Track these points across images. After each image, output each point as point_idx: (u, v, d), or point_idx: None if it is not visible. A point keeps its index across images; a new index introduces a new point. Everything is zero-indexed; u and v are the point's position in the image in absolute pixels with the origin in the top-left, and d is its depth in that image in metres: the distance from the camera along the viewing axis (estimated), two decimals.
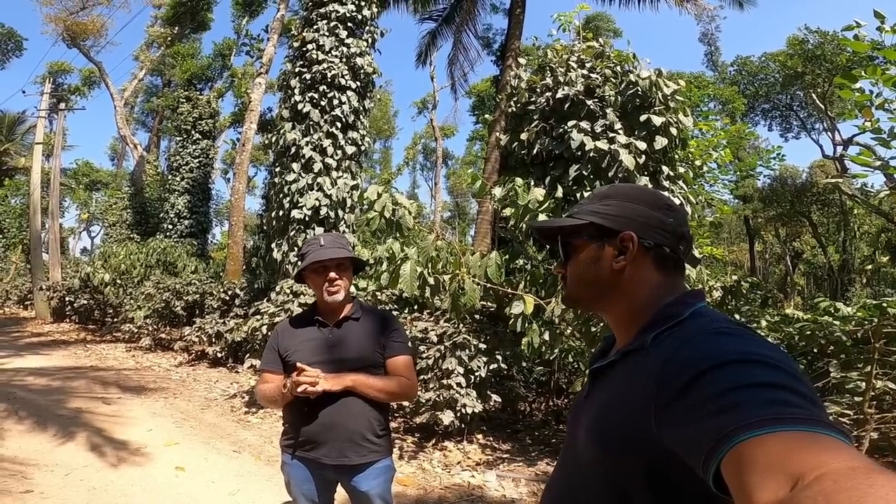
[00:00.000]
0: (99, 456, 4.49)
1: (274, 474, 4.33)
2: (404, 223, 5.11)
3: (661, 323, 0.86)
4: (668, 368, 0.75)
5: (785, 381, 0.64)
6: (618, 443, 0.81)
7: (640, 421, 0.76)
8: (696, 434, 0.65)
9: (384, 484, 2.06)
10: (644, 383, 0.78)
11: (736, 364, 0.67)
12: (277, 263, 8.30)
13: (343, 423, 1.96)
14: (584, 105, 5.29)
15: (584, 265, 0.98)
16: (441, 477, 4.34)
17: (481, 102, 22.31)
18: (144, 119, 30.80)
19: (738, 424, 0.59)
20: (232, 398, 7.05)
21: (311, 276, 2.08)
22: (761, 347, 0.71)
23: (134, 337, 11.39)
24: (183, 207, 18.29)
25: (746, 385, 0.64)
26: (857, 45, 4.09)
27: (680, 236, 0.95)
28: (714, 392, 0.65)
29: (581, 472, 0.91)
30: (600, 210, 0.98)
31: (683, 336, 0.80)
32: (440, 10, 12.37)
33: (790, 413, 0.59)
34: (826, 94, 18.62)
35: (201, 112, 18.75)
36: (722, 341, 0.74)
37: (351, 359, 2.01)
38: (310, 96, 8.21)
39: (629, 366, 0.87)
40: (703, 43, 23.25)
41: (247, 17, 19.17)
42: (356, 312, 2.11)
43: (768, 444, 0.56)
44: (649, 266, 0.93)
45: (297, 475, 2.04)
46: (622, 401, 0.83)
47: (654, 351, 0.82)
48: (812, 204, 20.65)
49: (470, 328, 5.59)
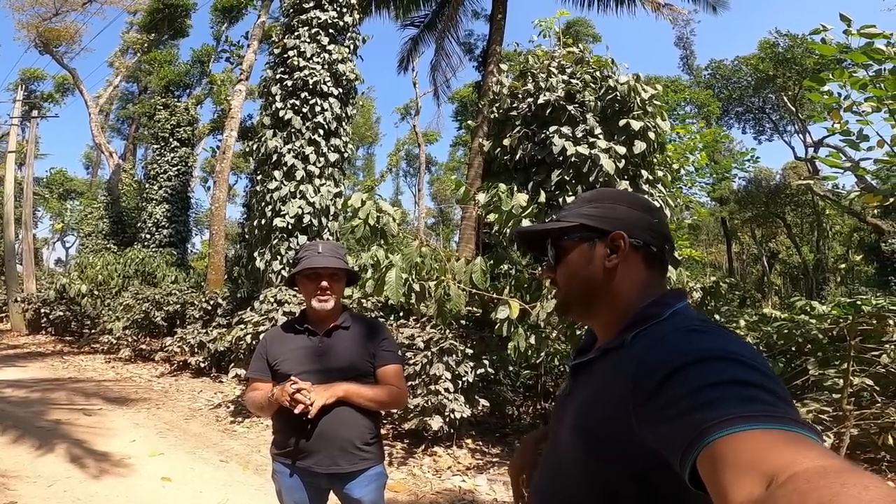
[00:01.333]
0: (81, 468, 4.41)
1: (263, 483, 4.30)
2: (388, 230, 5.14)
3: (641, 322, 0.88)
4: (643, 367, 0.76)
5: (758, 379, 0.65)
6: (600, 441, 0.82)
7: (621, 419, 0.77)
8: (671, 432, 0.66)
9: (376, 491, 2.07)
10: (622, 381, 0.79)
11: (709, 361, 0.68)
12: (260, 272, 8.24)
13: (334, 432, 1.95)
14: (564, 110, 5.39)
15: (578, 265, 0.99)
16: (432, 482, 4.35)
17: (464, 108, 22.42)
18: (120, 127, 30.23)
19: (711, 422, 0.60)
20: (217, 408, 6.97)
21: (302, 282, 2.07)
22: (734, 345, 0.72)
23: (113, 348, 11.16)
24: (161, 216, 17.98)
25: (720, 382, 0.64)
26: (824, 49, 4.22)
27: (664, 236, 0.98)
28: (688, 389, 0.66)
29: (565, 470, 0.92)
30: (589, 212, 1.00)
31: (658, 335, 0.82)
32: (422, 16, 12.43)
33: (763, 411, 0.59)
34: (797, 97, 19.12)
35: (179, 119, 18.50)
36: (695, 339, 0.76)
37: (340, 368, 2.01)
38: (291, 103, 8.19)
39: (609, 364, 0.88)
40: (678, 47, 23.75)
41: (226, 23, 18.99)
42: (346, 321, 2.10)
43: (742, 442, 0.57)
44: (639, 265, 0.95)
45: (288, 484, 2.03)
46: (602, 399, 0.84)
47: (632, 350, 0.84)
48: (786, 205, 21.15)
49: (456, 333, 5.62)
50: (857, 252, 21.44)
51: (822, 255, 21.91)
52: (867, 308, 4.51)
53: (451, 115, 24.50)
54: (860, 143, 4.25)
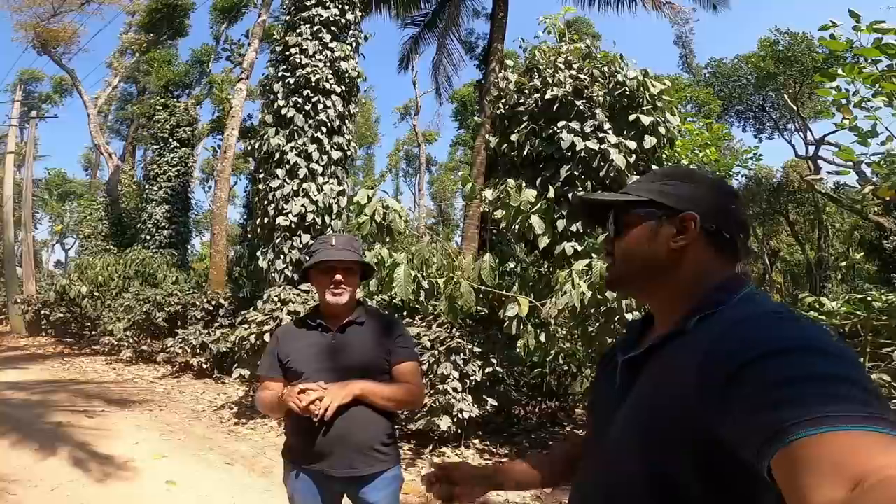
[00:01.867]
0: (84, 471, 4.34)
1: (270, 486, 4.23)
2: (395, 227, 5.07)
3: (706, 307, 0.82)
4: (715, 354, 0.71)
5: (846, 373, 0.61)
6: (663, 434, 0.77)
7: (686, 410, 0.72)
8: (749, 427, 0.62)
9: (393, 494, 2.00)
10: (689, 369, 0.74)
11: (793, 352, 0.64)
12: (263, 272, 8.16)
13: (350, 434, 1.87)
14: (573, 106, 5.32)
15: (639, 242, 0.94)
16: None
17: (463, 108, 22.35)
18: (119, 127, 30.09)
19: (795, 420, 0.56)
20: (220, 409, 6.90)
21: (316, 276, 2.01)
22: (819, 334, 0.68)
23: (114, 349, 11.11)
24: (161, 217, 17.88)
25: (804, 377, 0.60)
26: (834, 44, 4.18)
27: (741, 224, 0.92)
28: (770, 382, 0.62)
29: (618, 469, 0.87)
30: (662, 189, 0.95)
31: (733, 319, 0.76)
32: (422, 15, 12.37)
33: (851, 410, 0.56)
34: (797, 95, 19.08)
35: (179, 119, 18.41)
36: (776, 326, 0.71)
37: (354, 366, 1.93)
38: (293, 101, 8.13)
39: (671, 352, 0.83)
40: (678, 46, 23.70)
41: (226, 23, 18.90)
42: (360, 317, 2.03)
43: (826, 443, 0.53)
44: (707, 250, 0.89)
45: (301, 489, 1.95)
46: (664, 390, 0.79)
47: (700, 335, 0.78)
48: (788, 203, 21.11)
49: (463, 332, 5.55)
50: (858, 250, 21.41)
51: (823, 252, 21.86)
52: (878, 304, 4.44)
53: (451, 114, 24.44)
54: (870, 138, 4.22)
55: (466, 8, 11.99)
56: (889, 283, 16.15)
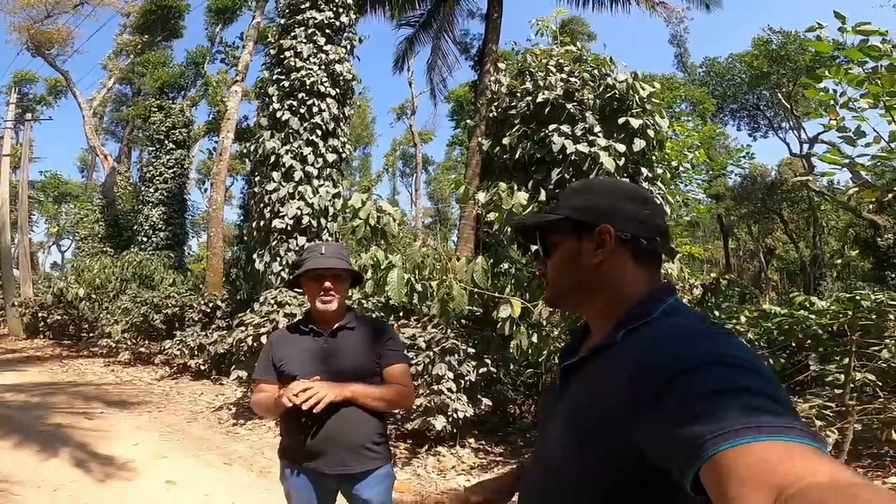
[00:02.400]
0: (85, 472, 4.41)
1: (269, 485, 4.30)
2: (389, 230, 5.15)
3: (632, 320, 0.84)
4: (641, 370, 0.72)
5: (761, 387, 0.63)
6: (592, 444, 0.80)
7: (615, 422, 0.75)
8: (672, 440, 0.63)
9: (385, 491, 2.07)
10: (617, 382, 0.76)
11: (710, 366, 0.66)
12: (260, 274, 8.22)
13: (342, 433, 1.95)
14: (564, 109, 5.40)
15: (564, 261, 0.96)
16: (437, 482, 4.36)
17: (460, 107, 22.41)
18: (114, 129, 30.09)
19: (716, 433, 0.58)
20: (218, 410, 6.97)
21: (306, 283, 2.08)
22: (735, 349, 0.70)
23: (112, 351, 11.16)
24: (158, 219, 17.92)
25: (723, 390, 0.62)
26: (820, 46, 4.24)
27: (656, 228, 0.93)
28: (690, 396, 0.63)
29: (554, 472, 0.90)
30: (576, 204, 0.97)
31: (656, 335, 0.78)
32: (417, 16, 12.42)
33: (769, 422, 0.57)
34: (791, 94, 19.18)
35: (174, 121, 18.43)
36: (696, 341, 0.73)
37: (346, 369, 2.00)
38: (288, 104, 8.18)
39: (600, 363, 0.85)
40: (672, 45, 23.77)
41: (221, 24, 18.90)
42: (350, 322, 2.10)
43: (748, 454, 0.55)
44: (627, 259, 0.91)
45: (297, 486, 2.03)
46: (595, 400, 0.82)
47: (625, 349, 0.81)
48: (783, 201, 21.23)
49: (458, 333, 5.63)
50: (853, 247, 21.55)
51: (818, 250, 22.02)
52: (866, 303, 4.52)
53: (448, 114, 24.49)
54: (857, 139, 4.30)
55: (461, 8, 12.07)
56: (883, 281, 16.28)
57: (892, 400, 4.32)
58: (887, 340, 4.45)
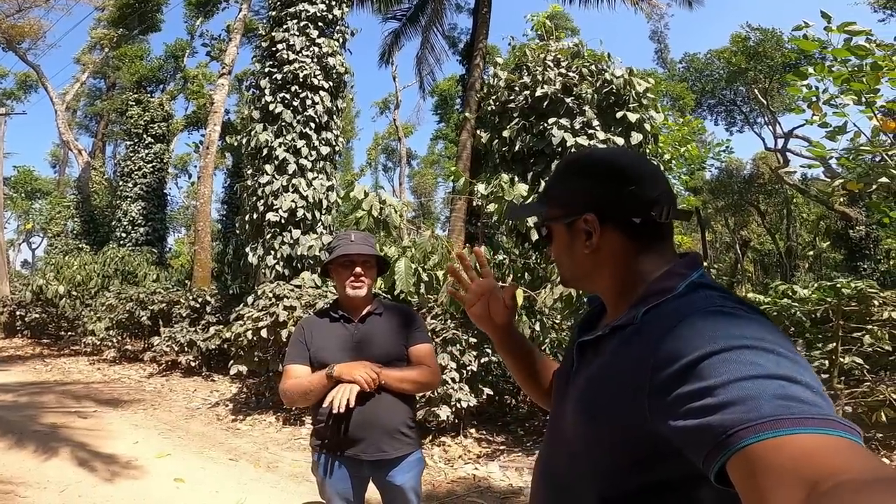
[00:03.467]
0: (90, 471, 4.35)
1: (278, 480, 4.31)
2: (391, 221, 5.17)
3: (653, 297, 0.80)
4: (662, 353, 0.69)
5: (792, 373, 0.59)
6: (606, 424, 0.78)
7: (632, 403, 0.72)
8: (696, 429, 0.60)
9: (417, 477, 2.11)
10: (636, 363, 0.73)
11: (738, 350, 0.62)
12: (253, 268, 8.15)
13: (378, 418, 1.98)
14: (562, 103, 5.48)
15: (562, 250, 0.95)
16: (445, 471, 4.41)
17: (444, 102, 22.40)
18: (88, 124, 29.30)
19: (745, 424, 0.55)
20: (215, 406, 6.91)
21: (337, 270, 2.11)
22: (767, 331, 0.66)
23: (96, 349, 10.94)
24: (137, 214, 17.55)
25: (752, 376, 0.59)
26: (806, 45, 4.38)
27: (649, 201, 0.85)
28: (718, 382, 0.60)
29: (568, 448, 0.88)
30: (558, 195, 0.95)
31: (679, 314, 0.73)
32: (404, 9, 12.38)
33: (802, 412, 0.55)
34: (767, 90, 19.64)
35: (153, 115, 18.03)
36: (723, 322, 0.68)
37: (377, 354, 2.04)
38: (281, 97, 8.10)
39: (619, 342, 0.81)
40: (653, 41, 24.11)
41: (201, 17, 18.52)
42: (378, 308, 2.14)
43: (782, 447, 0.53)
44: (623, 242, 0.87)
45: (333, 476, 2.04)
46: (611, 382, 0.79)
47: (646, 328, 0.76)
48: (759, 194, 21.77)
49: (458, 323, 5.69)
50: (825, 239, 22.24)
51: (792, 242, 22.67)
52: (847, 291, 4.71)
53: (432, 108, 24.44)
54: (838, 134, 4.46)
55: (450, 3, 12.06)
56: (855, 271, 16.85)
57: (878, 383, 4.51)
58: (870, 326, 4.63)
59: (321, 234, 8.09)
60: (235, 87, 17.97)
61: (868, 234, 17.07)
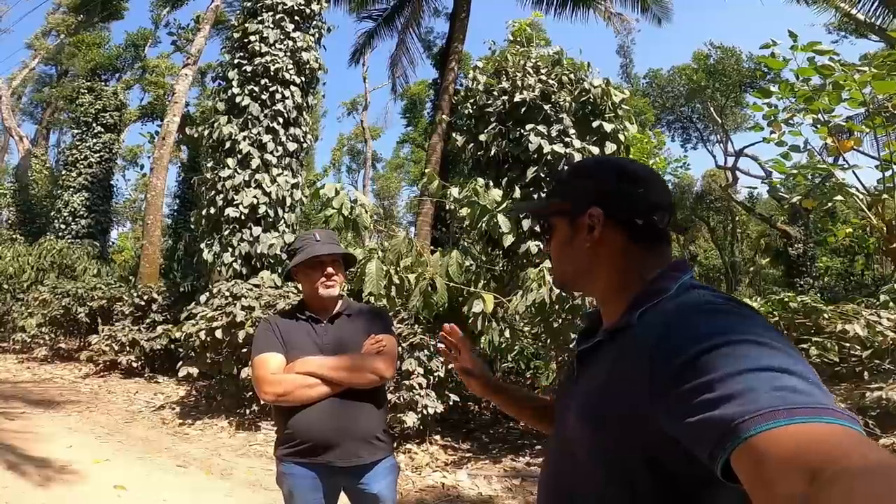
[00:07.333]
0: (20, 475, 3.96)
1: (232, 488, 4.04)
2: (361, 221, 5.00)
3: (647, 299, 0.82)
4: (661, 349, 0.70)
5: (789, 365, 0.60)
6: (612, 428, 0.78)
7: (635, 405, 0.72)
8: (699, 423, 0.61)
9: (392, 485, 2.02)
10: (635, 365, 0.74)
11: (737, 345, 0.63)
12: (208, 265, 7.74)
13: (354, 424, 1.89)
14: (540, 109, 5.46)
15: (560, 246, 0.96)
16: (413, 480, 4.26)
17: (413, 105, 22.26)
18: (33, 110, 27.62)
19: (747, 416, 0.56)
20: (160, 409, 6.49)
21: (305, 271, 2.02)
22: (759, 326, 0.67)
23: (26, 347, 10.17)
24: (80, 205, 16.49)
25: (750, 369, 0.60)
26: (774, 63, 4.51)
27: (653, 206, 0.89)
28: (717, 376, 0.61)
29: (576, 459, 0.87)
30: (566, 189, 0.97)
31: (674, 313, 0.75)
32: (380, 10, 12.22)
33: (800, 402, 0.56)
34: (723, 108, 20.45)
35: (105, 104, 17.07)
36: (718, 320, 0.69)
37: (349, 355, 1.95)
38: (249, 89, 7.79)
39: (617, 346, 0.83)
40: (619, 55, 24.64)
41: (168, 6, 17.70)
42: (347, 309, 2.07)
43: (782, 437, 0.53)
44: (624, 240, 0.89)
45: (302, 485, 1.90)
46: (614, 384, 0.79)
47: (642, 329, 0.78)
48: (708, 210, 22.65)
49: (425, 328, 5.56)
50: (764, 255, 23.33)
51: (735, 258, 23.66)
52: (794, 304, 4.86)
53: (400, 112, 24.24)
54: (797, 152, 4.63)
55: (428, 6, 11.98)
56: (793, 287, 17.70)
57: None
58: (816, 339, 4.63)
59: (283, 233, 7.78)
60: (197, 80, 17.28)
61: (805, 252, 17.93)
